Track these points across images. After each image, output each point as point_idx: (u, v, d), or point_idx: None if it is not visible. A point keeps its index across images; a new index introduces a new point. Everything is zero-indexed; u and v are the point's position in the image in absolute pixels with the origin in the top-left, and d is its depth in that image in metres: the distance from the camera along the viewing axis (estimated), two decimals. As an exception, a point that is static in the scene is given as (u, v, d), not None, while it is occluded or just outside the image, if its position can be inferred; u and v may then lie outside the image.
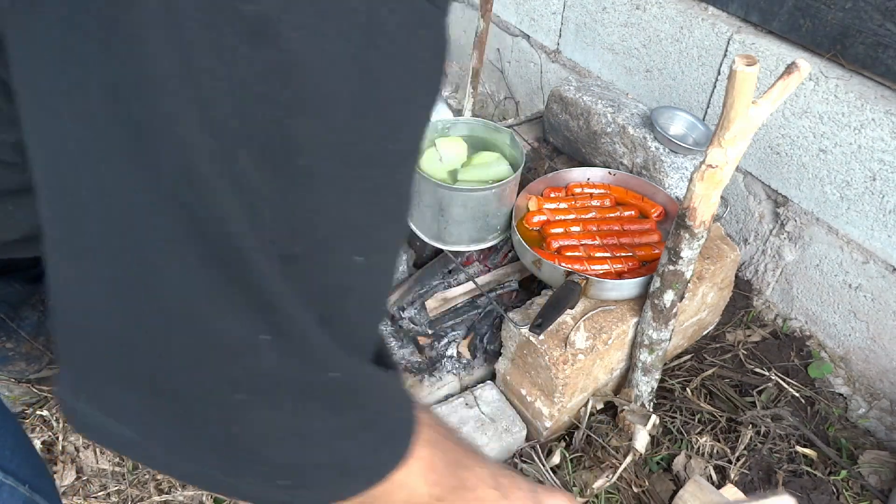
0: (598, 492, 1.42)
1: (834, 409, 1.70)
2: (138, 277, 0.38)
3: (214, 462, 0.43)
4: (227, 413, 0.42)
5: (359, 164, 0.40)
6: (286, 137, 0.37)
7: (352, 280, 0.44)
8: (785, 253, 1.82)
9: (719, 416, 1.62)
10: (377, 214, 0.44)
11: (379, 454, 0.50)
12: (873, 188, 1.56)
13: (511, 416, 1.56)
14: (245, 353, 0.40)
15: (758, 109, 1.08)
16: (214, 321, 0.39)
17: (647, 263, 1.51)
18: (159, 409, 0.41)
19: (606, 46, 2.18)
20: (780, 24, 1.69)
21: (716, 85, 1.86)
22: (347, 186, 0.41)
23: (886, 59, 1.50)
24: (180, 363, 0.40)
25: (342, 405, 0.46)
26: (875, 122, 1.51)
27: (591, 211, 1.61)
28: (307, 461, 0.46)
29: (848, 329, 1.73)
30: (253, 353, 0.40)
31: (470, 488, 0.59)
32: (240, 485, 0.44)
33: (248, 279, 0.38)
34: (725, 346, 1.83)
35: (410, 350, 1.71)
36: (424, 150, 1.54)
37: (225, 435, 0.42)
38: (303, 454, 0.45)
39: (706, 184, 1.20)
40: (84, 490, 1.49)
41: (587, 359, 1.43)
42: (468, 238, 1.52)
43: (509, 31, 2.59)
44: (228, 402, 0.41)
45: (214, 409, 0.41)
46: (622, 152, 1.71)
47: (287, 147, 0.37)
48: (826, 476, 1.51)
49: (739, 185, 1.89)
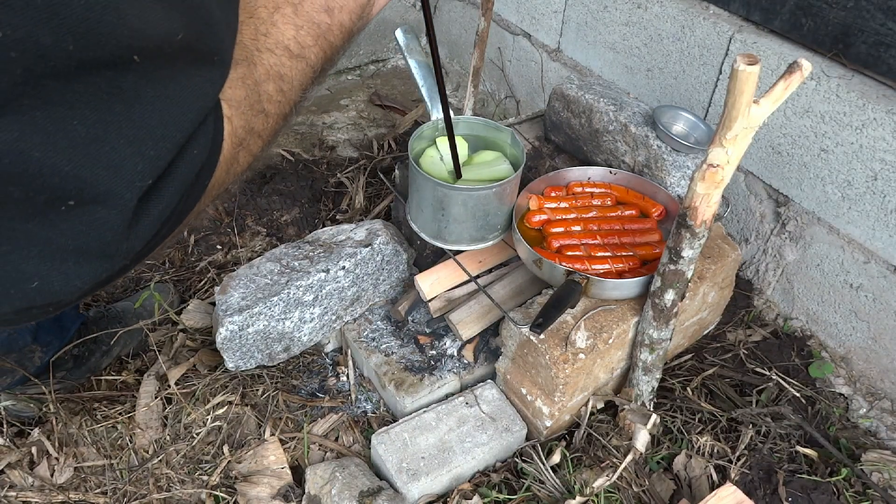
0: (598, 491, 1.42)
1: (835, 408, 1.70)
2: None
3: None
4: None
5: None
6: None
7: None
8: (786, 252, 1.82)
9: (720, 415, 1.62)
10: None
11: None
12: (874, 188, 1.56)
13: (511, 416, 1.56)
14: None
15: (759, 109, 1.08)
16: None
17: (647, 263, 1.51)
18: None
19: (608, 45, 2.17)
20: (781, 24, 1.68)
21: (717, 84, 1.86)
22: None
23: (888, 59, 1.50)
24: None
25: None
26: (877, 121, 1.51)
27: (592, 210, 1.61)
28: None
29: (849, 329, 1.73)
30: None
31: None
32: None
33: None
34: (726, 345, 1.83)
35: (411, 349, 1.71)
36: (423, 148, 1.54)
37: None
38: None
39: (707, 183, 1.20)
40: (82, 486, 1.49)
41: (588, 358, 1.43)
42: (468, 237, 1.52)
43: (510, 30, 2.59)
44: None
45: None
46: (624, 150, 1.71)
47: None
48: (826, 476, 1.51)
49: (741, 184, 1.89)
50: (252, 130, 0.62)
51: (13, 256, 0.44)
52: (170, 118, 0.47)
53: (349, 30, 0.75)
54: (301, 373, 1.76)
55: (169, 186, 0.49)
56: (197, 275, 1.98)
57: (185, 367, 1.71)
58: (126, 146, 0.45)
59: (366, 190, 2.26)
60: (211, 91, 0.51)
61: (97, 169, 0.43)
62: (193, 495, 1.49)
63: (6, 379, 1.56)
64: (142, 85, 0.44)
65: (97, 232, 0.46)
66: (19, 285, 0.45)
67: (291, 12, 0.68)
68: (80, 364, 1.67)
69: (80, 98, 0.42)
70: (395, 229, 1.81)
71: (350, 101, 2.87)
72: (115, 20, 0.40)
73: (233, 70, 0.55)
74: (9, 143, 0.39)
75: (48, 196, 0.42)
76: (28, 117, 0.40)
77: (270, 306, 1.57)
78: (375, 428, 1.59)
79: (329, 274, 1.64)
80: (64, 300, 0.48)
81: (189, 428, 1.60)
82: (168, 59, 0.45)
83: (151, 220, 0.49)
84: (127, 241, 0.48)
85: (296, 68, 0.68)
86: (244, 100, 0.60)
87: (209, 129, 0.53)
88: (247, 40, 0.64)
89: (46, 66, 0.39)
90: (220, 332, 1.54)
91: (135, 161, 0.46)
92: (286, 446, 1.58)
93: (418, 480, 1.43)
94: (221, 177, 0.58)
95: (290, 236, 2.11)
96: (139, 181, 0.46)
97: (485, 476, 1.52)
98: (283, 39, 0.67)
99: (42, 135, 0.40)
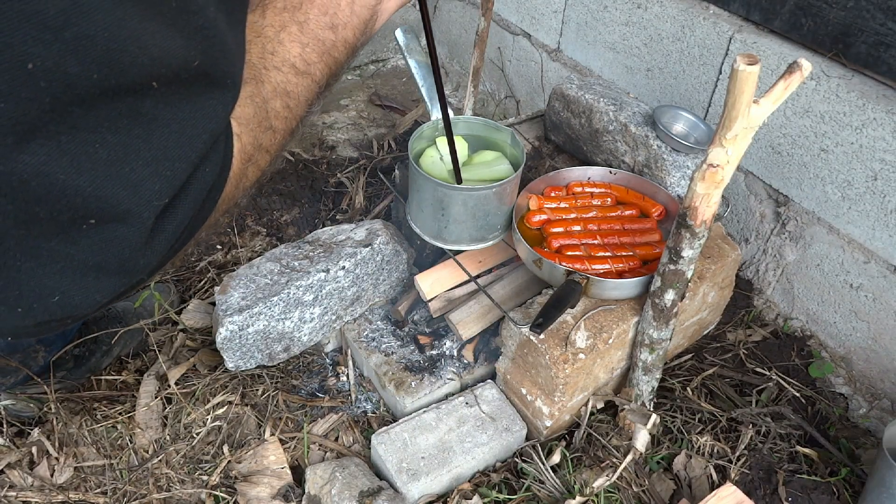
0: (598, 491, 1.42)
1: (834, 408, 1.70)
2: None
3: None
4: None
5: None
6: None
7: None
8: (786, 252, 1.82)
9: (720, 415, 1.62)
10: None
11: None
12: (874, 188, 1.56)
13: (511, 415, 1.56)
14: None
15: (759, 109, 1.08)
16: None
17: (647, 263, 1.51)
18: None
19: (607, 45, 2.17)
20: (781, 24, 1.68)
21: (717, 84, 1.86)
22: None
23: (888, 59, 1.50)
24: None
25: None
26: (876, 121, 1.51)
27: (592, 210, 1.61)
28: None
29: (849, 329, 1.73)
30: None
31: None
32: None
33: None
34: (726, 345, 1.83)
35: (411, 349, 1.71)
36: (423, 148, 1.54)
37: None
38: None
39: (707, 183, 1.20)
40: (82, 486, 1.49)
41: (588, 358, 1.43)
42: (468, 237, 1.52)
43: (510, 30, 2.59)
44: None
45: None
46: (624, 150, 1.71)
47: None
48: (826, 476, 1.51)
49: (740, 184, 1.89)
50: (260, 146, 0.64)
51: (38, 272, 0.46)
52: (185, 140, 0.49)
53: (353, 45, 0.77)
54: (301, 373, 1.76)
55: (183, 204, 0.51)
56: (197, 275, 1.98)
57: (185, 367, 1.71)
58: (144, 167, 0.47)
59: (366, 190, 2.26)
60: (223, 113, 0.53)
61: (117, 189, 0.45)
62: (193, 495, 1.49)
63: (10, 378, 1.57)
64: (160, 109, 0.46)
65: (116, 249, 0.48)
66: (42, 300, 0.47)
67: (297, 30, 0.70)
68: (81, 364, 1.68)
69: (103, 123, 0.43)
70: (395, 229, 1.81)
71: (350, 101, 2.87)
72: (137, 50, 0.42)
73: (241, 89, 0.57)
74: (36, 166, 0.41)
75: (71, 215, 0.44)
76: (55, 142, 0.41)
77: (270, 306, 1.57)
78: (375, 428, 1.59)
79: (329, 274, 1.64)
80: (82, 313, 0.50)
81: (189, 428, 1.60)
82: (184, 85, 0.47)
83: (167, 237, 0.51)
84: (144, 256, 0.50)
85: (302, 85, 0.69)
86: (253, 117, 0.62)
87: (220, 147, 0.55)
88: (254, 59, 0.66)
89: (73, 94, 0.41)
90: (220, 332, 1.54)
91: (153, 181, 0.47)
92: (286, 446, 1.58)
93: (418, 480, 1.43)
94: (231, 192, 0.60)
95: (290, 236, 2.11)
96: (156, 200, 0.48)
97: (485, 476, 1.52)
98: (290, 57, 0.69)
99: (67, 158, 0.42)
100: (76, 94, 0.41)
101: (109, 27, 0.40)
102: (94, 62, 0.41)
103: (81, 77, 0.40)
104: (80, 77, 0.40)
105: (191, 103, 0.48)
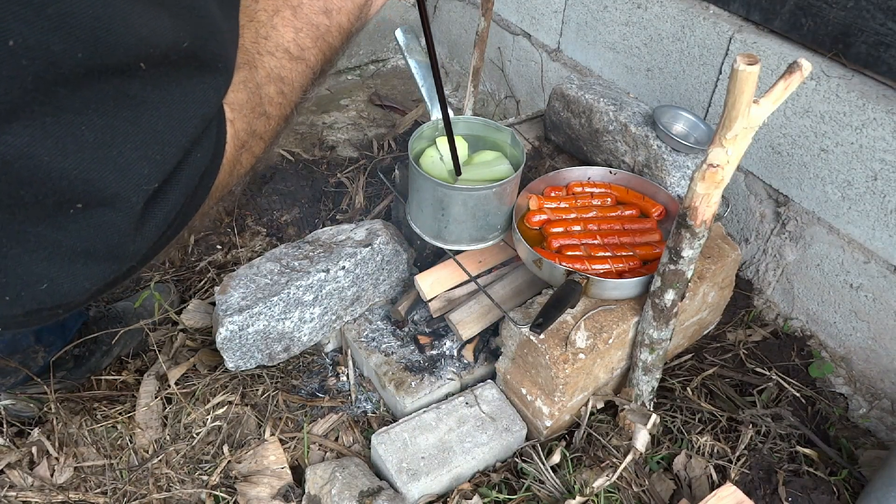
0: (598, 491, 1.42)
1: (834, 408, 1.70)
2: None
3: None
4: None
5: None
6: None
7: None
8: (786, 252, 1.82)
9: (720, 415, 1.62)
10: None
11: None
12: (874, 188, 1.56)
13: (511, 415, 1.56)
14: None
15: (759, 109, 1.08)
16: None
17: (647, 263, 1.51)
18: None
19: (607, 45, 2.18)
20: (781, 24, 1.68)
21: (717, 84, 1.86)
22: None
23: (888, 59, 1.50)
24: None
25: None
26: (876, 121, 1.51)
27: (592, 210, 1.61)
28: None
29: (849, 329, 1.73)
30: None
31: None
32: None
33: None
34: (726, 345, 1.83)
35: (411, 349, 1.71)
36: (423, 148, 1.54)
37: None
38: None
39: (707, 183, 1.20)
40: (82, 486, 1.49)
41: (588, 358, 1.43)
42: (468, 237, 1.52)
43: (510, 30, 2.59)
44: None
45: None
46: (624, 150, 1.71)
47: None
48: (826, 476, 1.51)
49: (740, 184, 1.89)
50: (254, 133, 0.63)
51: (24, 258, 0.45)
52: (175, 123, 0.48)
53: (347, 31, 0.76)
54: (301, 373, 1.76)
55: (174, 190, 0.50)
56: (197, 275, 1.98)
57: (185, 366, 1.71)
58: (132, 150, 0.46)
59: (366, 190, 2.26)
60: (215, 97, 0.52)
61: (104, 173, 0.44)
62: (193, 495, 1.49)
63: (10, 379, 1.57)
64: (148, 91, 0.45)
65: (105, 234, 0.46)
66: (30, 287, 0.46)
67: (291, 15, 0.69)
68: (81, 364, 1.68)
69: (89, 104, 0.42)
70: (395, 229, 1.81)
71: (350, 101, 2.87)
72: (123, 29, 0.41)
73: (234, 74, 0.56)
74: (20, 147, 0.40)
75: (57, 199, 0.43)
76: (38, 123, 0.40)
77: (270, 306, 1.57)
78: (375, 428, 1.59)
79: (329, 274, 1.64)
80: (73, 302, 0.49)
81: (189, 428, 1.60)
82: (174, 67, 0.46)
83: (157, 223, 0.50)
84: (133, 243, 0.49)
85: (296, 70, 0.69)
86: (246, 103, 0.61)
87: (213, 132, 0.54)
88: (248, 44, 0.65)
89: (56, 74, 0.40)
90: (220, 332, 1.54)
91: (141, 165, 0.46)
92: (286, 446, 1.58)
93: (418, 480, 1.43)
94: (224, 179, 0.59)
95: (290, 236, 2.11)
96: (145, 184, 0.47)
97: (485, 476, 1.52)
98: (283, 42, 0.68)
99: (51, 140, 0.41)
100: (60, 74, 0.40)
101: (94, 4, 0.39)
102: (78, 40, 0.39)
103: (65, 56, 0.39)
104: (64, 56, 0.39)
105: (181, 86, 0.47)
